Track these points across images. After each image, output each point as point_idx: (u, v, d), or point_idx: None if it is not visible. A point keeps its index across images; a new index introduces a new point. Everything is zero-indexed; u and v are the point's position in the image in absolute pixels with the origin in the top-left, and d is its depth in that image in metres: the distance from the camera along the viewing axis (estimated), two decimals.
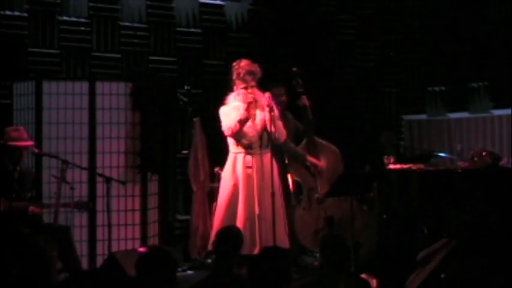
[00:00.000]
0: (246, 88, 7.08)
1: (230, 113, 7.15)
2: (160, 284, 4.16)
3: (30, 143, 7.08)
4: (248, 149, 7.11)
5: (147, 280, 4.17)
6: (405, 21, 10.39)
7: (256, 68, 7.13)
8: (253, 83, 7.09)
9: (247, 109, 7.06)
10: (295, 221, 7.94)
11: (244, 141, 7.12)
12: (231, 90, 7.27)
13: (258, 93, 7.12)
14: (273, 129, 6.99)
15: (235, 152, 7.19)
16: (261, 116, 7.11)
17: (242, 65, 7.14)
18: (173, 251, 8.17)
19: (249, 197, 7.01)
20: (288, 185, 7.94)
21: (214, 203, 7.56)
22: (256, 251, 6.73)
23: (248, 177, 7.04)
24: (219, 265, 4.85)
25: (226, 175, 7.21)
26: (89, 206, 7.11)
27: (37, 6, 8.40)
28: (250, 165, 7.05)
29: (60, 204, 6.87)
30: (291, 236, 7.15)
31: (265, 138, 7.08)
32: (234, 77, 7.17)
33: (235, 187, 7.10)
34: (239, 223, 6.89)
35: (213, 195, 8.17)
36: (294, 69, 8.22)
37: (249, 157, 7.08)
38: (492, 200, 7.38)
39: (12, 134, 6.97)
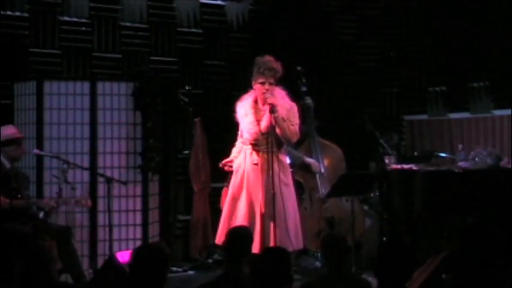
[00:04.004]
0: (263, 84, 7.04)
1: (241, 113, 7.15)
2: (152, 278, 4.17)
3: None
4: (255, 146, 7.09)
5: (139, 274, 4.19)
6: (405, 21, 10.39)
7: (278, 65, 7.04)
8: (271, 80, 7.02)
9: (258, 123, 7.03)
10: None
11: (250, 138, 7.09)
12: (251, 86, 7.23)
13: (278, 91, 7.07)
14: (278, 131, 6.95)
15: (245, 148, 7.16)
16: (267, 115, 7.04)
17: (264, 60, 7.04)
18: (174, 251, 8.22)
19: (252, 195, 7.00)
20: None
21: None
22: (254, 249, 6.70)
23: (253, 174, 7.03)
24: (230, 265, 4.84)
25: (238, 170, 7.16)
26: (87, 203, 7.10)
27: (38, 7, 8.41)
28: (256, 162, 7.04)
29: (61, 201, 6.89)
30: (295, 237, 7.09)
31: (273, 138, 7.00)
32: (254, 71, 7.08)
33: (242, 182, 7.09)
34: (243, 220, 6.88)
35: (213, 195, 8.18)
36: (299, 68, 8.21)
37: (255, 154, 7.07)
38: (493, 201, 7.38)
39: (8, 130, 7.02)
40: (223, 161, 7.23)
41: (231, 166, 7.18)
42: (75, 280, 6.75)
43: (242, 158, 7.12)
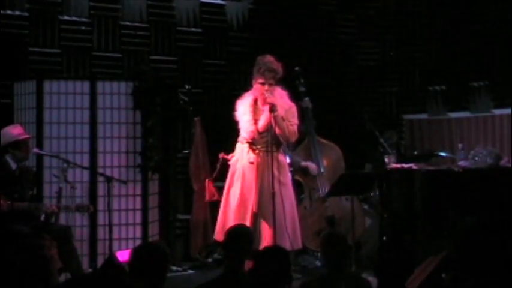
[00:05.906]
0: (263, 84, 7.04)
1: (240, 111, 7.15)
2: (152, 277, 4.17)
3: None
4: (251, 145, 7.09)
5: (139, 273, 4.19)
6: (405, 21, 10.39)
7: (278, 66, 7.05)
8: (271, 81, 7.03)
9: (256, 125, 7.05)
10: None
11: (247, 137, 7.08)
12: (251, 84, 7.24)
13: (278, 91, 7.08)
14: (277, 130, 6.95)
15: (242, 147, 7.16)
16: (266, 115, 7.04)
17: (265, 60, 7.05)
18: (174, 250, 8.21)
19: (246, 193, 7.00)
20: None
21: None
22: None
23: (248, 173, 7.03)
24: (230, 264, 4.84)
25: (233, 167, 7.16)
26: (89, 209, 7.09)
27: (38, 6, 8.40)
28: (252, 160, 7.04)
29: (62, 207, 6.88)
30: (293, 237, 7.09)
31: (271, 137, 7.00)
32: (255, 71, 7.10)
33: (237, 179, 7.09)
34: (234, 217, 6.90)
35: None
36: (297, 68, 8.21)
37: (251, 153, 7.07)
38: (492, 200, 7.38)
39: (15, 130, 7.00)
40: (226, 156, 7.26)
41: (226, 159, 7.22)
42: None
43: (239, 155, 7.13)
